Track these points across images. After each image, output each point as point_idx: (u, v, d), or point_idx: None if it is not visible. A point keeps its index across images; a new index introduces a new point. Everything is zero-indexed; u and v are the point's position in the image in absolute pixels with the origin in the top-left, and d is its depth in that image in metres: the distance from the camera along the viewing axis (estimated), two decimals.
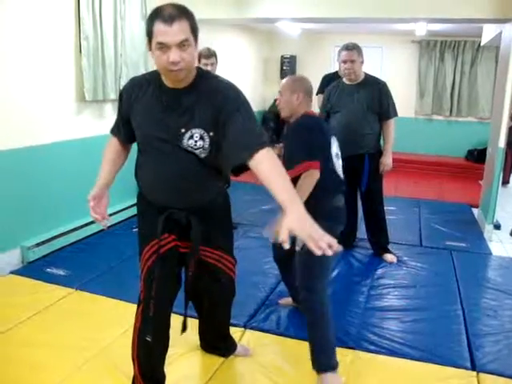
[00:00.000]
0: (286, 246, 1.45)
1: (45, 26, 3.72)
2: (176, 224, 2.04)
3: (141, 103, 1.91)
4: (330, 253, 1.41)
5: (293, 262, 2.57)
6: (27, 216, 3.76)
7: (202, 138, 1.85)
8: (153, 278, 2.06)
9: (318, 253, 1.42)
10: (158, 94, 1.88)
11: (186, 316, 2.22)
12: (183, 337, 2.27)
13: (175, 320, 2.21)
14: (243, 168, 1.85)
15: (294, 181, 2.26)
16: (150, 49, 1.75)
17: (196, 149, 1.86)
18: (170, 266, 2.10)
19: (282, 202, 1.65)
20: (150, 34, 1.71)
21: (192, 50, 1.74)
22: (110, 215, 4.50)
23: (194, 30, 1.74)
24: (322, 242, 1.42)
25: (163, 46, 1.68)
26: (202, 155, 1.89)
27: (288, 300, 3.19)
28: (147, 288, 2.08)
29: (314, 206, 2.08)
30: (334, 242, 1.44)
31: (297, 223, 1.51)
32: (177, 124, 1.84)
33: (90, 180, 4.47)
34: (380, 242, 4.12)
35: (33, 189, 3.78)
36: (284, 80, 2.74)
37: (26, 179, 3.71)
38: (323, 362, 2.36)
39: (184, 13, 1.71)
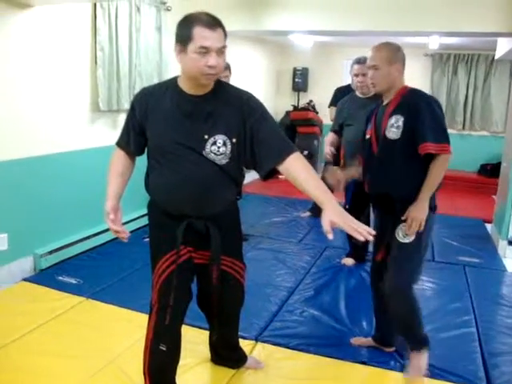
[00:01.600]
0: (330, 236, 1.66)
1: (62, 37, 3.76)
2: (193, 233, 2.03)
3: (158, 112, 1.91)
4: (370, 238, 1.64)
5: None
6: (40, 224, 3.78)
7: (224, 144, 1.88)
8: (170, 288, 2.04)
9: (361, 238, 1.65)
10: (177, 100, 1.89)
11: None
12: (194, 349, 2.27)
13: (186, 331, 2.20)
14: (272, 173, 1.95)
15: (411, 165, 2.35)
16: (181, 52, 1.81)
17: (219, 155, 1.88)
18: (186, 278, 2.11)
19: (318, 198, 1.81)
20: (186, 38, 1.77)
21: (225, 58, 1.84)
22: (122, 225, 4.56)
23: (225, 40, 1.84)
24: (362, 230, 1.65)
25: (204, 51, 1.74)
26: (223, 161, 1.90)
27: (364, 341, 2.88)
28: (163, 298, 2.06)
29: (431, 197, 2.37)
30: (370, 229, 1.67)
31: (337, 216, 1.69)
32: (200, 130, 1.85)
33: (103, 189, 4.49)
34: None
35: (46, 197, 3.80)
36: (375, 51, 2.43)
37: (40, 187, 3.73)
38: (423, 340, 2.51)
39: (220, 22, 1.82)
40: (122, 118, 4.56)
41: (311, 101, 8.64)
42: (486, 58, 7.99)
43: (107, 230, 4.30)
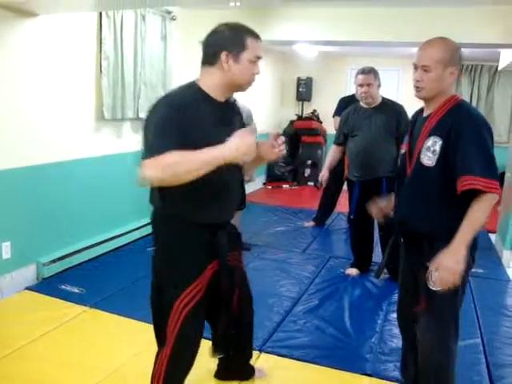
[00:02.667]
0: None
1: (67, 45, 3.78)
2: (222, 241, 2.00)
3: (195, 121, 1.83)
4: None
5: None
6: (43, 232, 3.78)
7: None
8: (195, 322, 2.01)
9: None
10: (210, 108, 1.90)
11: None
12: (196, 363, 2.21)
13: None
14: None
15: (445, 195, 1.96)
16: (231, 59, 1.85)
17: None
18: (204, 306, 2.04)
19: None
20: (239, 47, 1.85)
21: None
22: (125, 234, 4.57)
23: None
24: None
25: (256, 60, 1.88)
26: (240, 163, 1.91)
27: None
28: (187, 337, 2.00)
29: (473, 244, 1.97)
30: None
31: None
32: (229, 135, 1.82)
33: (107, 198, 4.53)
34: (397, 267, 4.06)
35: (50, 205, 3.80)
36: (428, 47, 2.02)
37: (44, 196, 3.74)
38: None
39: None
40: (126, 127, 4.58)
41: (315, 110, 8.66)
42: (490, 68, 8.00)
43: (110, 239, 4.34)
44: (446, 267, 1.86)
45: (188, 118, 1.80)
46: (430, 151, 1.96)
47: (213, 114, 1.89)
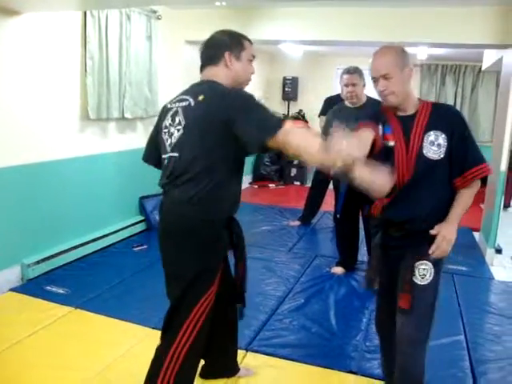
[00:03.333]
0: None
1: (51, 44, 3.76)
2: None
3: None
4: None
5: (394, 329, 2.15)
6: (27, 233, 3.75)
7: None
8: (207, 322, 2.08)
9: None
10: None
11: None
12: None
13: None
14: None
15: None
16: (234, 57, 2.06)
17: None
18: None
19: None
20: (240, 48, 2.08)
21: None
22: (110, 234, 4.56)
23: None
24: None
25: (252, 59, 2.15)
26: None
27: None
28: (206, 326, 2.08)
29: None
30: None
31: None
32: None
33: (93, 198, 4.51)
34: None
35: (34, 206, 3.77)
36: (380, 57, 2.06)
37: (28, 196, 3.71)
38: None
39: None
40: (111, 127, 4.56)
41: (301, 110, 8.68)
42: (473, 68, 8.09)
43: (96, 239, 4.32)
44: (449, 239, 2.03)
45: None
46: (435, 145, 2.01)
47: None
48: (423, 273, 2.05)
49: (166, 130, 2.02)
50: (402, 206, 2.08)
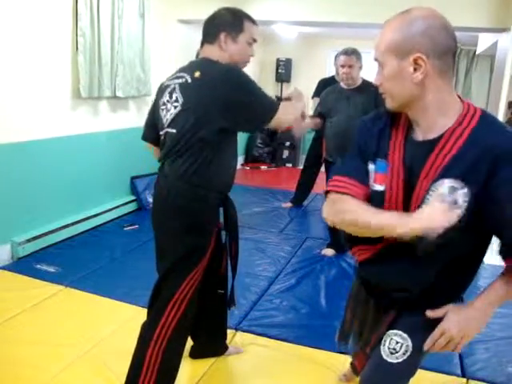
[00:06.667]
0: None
1: (42, 21, 3.70)
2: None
3: None
4: None
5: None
6: (18, 211, 3.73)
7: None
8: (196, 295, 2.11)
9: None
10: None
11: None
12: None
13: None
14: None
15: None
16: (230, 39, 2.01)
17: None
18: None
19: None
20: (238, 29, 2.02)
21: None
22: (101, 214, 4.55)
23: None
24: None
25: (252, 42, 2.08)
26: None
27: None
28: (193, 303, 2.10)
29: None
30: None
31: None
32: None
33: (84, 177, 4.48)
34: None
35: (25, 184, 3.75)
36: (384, 26, 1.30)
37: (19, 174, 3.68)
38: None
39: None
40: (103, 105, 4.52)
41: None
42: (468, 52, 8.07)
43: (86, 218, 4.32)
44: (454, 336, 1.37)
45: None
46: (449, 201, 1.20)
47: None
48: (394, 346, 1.44)
49: (163, 107, 2.03)
50: (391, 265, 1.40)
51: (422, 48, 1.20)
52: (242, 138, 8.01)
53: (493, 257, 1.41)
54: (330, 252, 4.20)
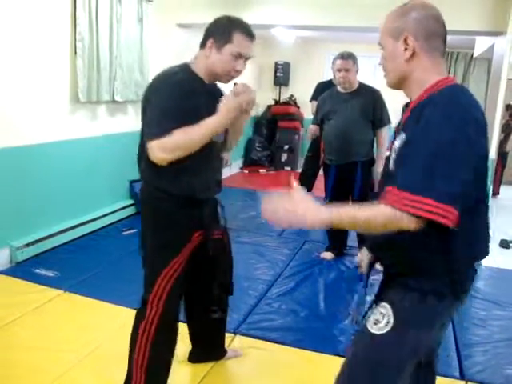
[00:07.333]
0: None
1: (40, 25, 3.71)
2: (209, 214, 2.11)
3: (196, 101, 1.93)
4: None
5: None
6: (17, 216, 3.73)
7: None
8: (179, 291, 2.10)
9: None
10: (202, 88, 1.98)
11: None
12: None
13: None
14: None
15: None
16: (215, 48, 1.91)
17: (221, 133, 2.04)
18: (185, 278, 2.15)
19: None
20: (225, 39, 1.89)
21: None
22: (100, 218, 4.55)
23: None
24: None
25: (239, 56, 1.91)
26: (222, 139, 2.10)
27: None
28: (172, 304, 2.08)
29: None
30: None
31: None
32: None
33: (82, 181, 4.48)
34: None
35: (24, 188, 3.75)
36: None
37: (17, 179, 3.68)
38: None
39: (254, 35, 1.97)
40: (101, 110, 4.52)
41: (292, 95, 8.66)
42: (465, 56, 8.11)
43: (85, 222, 4.31)
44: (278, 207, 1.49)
45: (185, 96, 1.88)
46: (396, 152, 1.41)
47: (205, 94, 1.97)
48: (378, 317, 1.47)
49: None
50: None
51: (412, 30, 1.41)
52: (241, 142, 8.00)
53: (491, 260, 1.43)
54: (328, 255, 4.20)
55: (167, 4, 5.02)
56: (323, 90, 4.52)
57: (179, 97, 1.86)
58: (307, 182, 5.57)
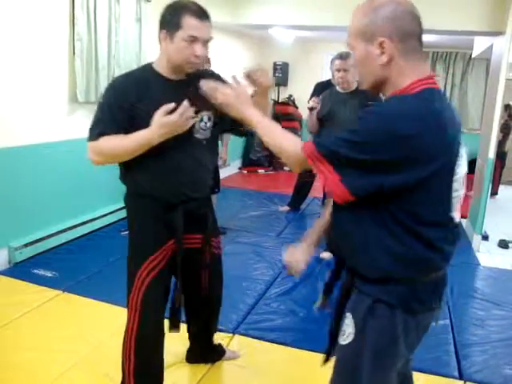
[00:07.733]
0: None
1: (39, 25, 3.70)
2: (189, 218, 2.02)
3: (147, 101, 1.84)
4: None
5: None
6: (15, 216, 3.72)
7: (209, 119, 1.96)
8: (157, 292, 2.08)
9: None
10: (163, 86, 1.89)
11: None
12: (168, 349, 2.24)
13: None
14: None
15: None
16: (167, 39, 1.81)
17: (205, 130, 1.96)
18: (169, 277, 2.14)
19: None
20: (174, 26, 1.78)
21: (208, 50, 1.89)
22: (98, 218, 4.53)
23: None
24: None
25: (193, 40, 1.78)
26: (208, 136, 1.99)
27: None
28: (148, 306, 2.07)
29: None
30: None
31: None
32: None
33: (81, 182, 4.47)
34: None
35: (22, 189, 3.74)
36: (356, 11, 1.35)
37: (15, 179, 3.68)
38: None
39: (208, 14, 1.84)
40: None
41: (291, 95, 8.66)
42: (464, 56, 8.11)
43: (84, 223, 4.31)
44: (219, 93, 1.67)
45: (135, 99, 1.84)
46: None
47: (163, 93, 1.87)
48: (344, 328, 1.47)
49: None
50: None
51: (386, 32, 1.25)
52: (239, 142, 8.02)
53: (490, 259, 1.43)
54: (327, 255, 4.19)
55: (165, 3, 5.01)
56: (322, 90, 4.51)
57: (116, 104, 1.84)
58: (306, 183, 5.57)
